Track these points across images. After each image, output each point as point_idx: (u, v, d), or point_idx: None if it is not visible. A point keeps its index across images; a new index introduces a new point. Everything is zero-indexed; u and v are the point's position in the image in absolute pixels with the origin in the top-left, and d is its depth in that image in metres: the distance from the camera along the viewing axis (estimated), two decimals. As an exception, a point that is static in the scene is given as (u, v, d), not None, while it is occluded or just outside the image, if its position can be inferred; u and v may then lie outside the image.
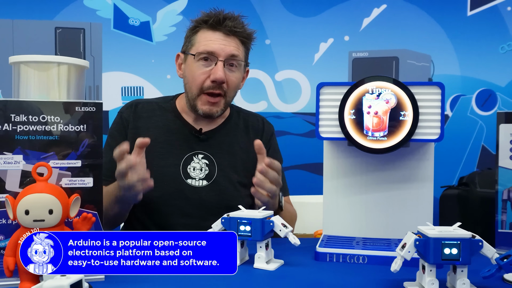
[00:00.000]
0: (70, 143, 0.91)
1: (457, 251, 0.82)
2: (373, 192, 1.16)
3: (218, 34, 1.43)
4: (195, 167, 1.47)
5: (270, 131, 1.61)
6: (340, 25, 2.70)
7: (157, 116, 1.52)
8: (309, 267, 1.03)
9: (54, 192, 0.83)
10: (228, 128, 1.55)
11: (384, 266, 0.98)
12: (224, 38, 1.42)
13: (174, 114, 1.53)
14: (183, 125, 1.51)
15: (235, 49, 1.43)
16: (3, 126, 0.88)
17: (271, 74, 2.73)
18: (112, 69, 2.66)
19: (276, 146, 1.62)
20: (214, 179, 1.47)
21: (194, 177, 1.46)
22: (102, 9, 2.66)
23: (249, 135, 1.56)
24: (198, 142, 1.49)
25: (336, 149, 1.16)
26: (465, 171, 2.59)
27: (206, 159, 1.48)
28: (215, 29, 1.43)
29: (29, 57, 1.06)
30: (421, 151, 1.12)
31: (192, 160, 1.47)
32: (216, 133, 1.52)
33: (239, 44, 1.45)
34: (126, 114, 1.51)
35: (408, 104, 1.02)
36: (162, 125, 1.50)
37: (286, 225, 1.02)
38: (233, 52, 1.42)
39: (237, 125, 1.57)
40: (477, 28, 2.64)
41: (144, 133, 1.48)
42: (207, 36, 1.43)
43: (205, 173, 1.46)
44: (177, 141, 1.49)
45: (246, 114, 1.62)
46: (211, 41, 1.42)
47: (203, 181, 1.46)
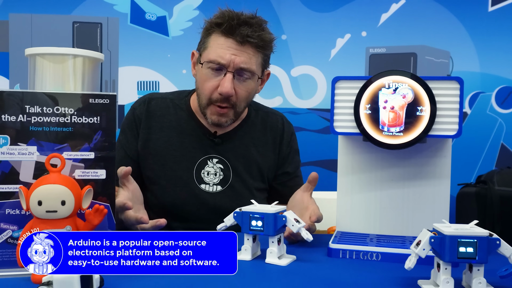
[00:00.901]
0: (84, 135, 0.91)
1: (473, 249, 0.81)
2: (388, 188, 1.14)
3: (230, 41, 1.32)
4: (209, 172, 1.42)
5: (290, 132, 1.55)
6: (357, 21, 2.68)
7: (171, 114, 1.46)
8: (322, 263, 1.02)
9: (67, 184, 0.84)
10: (244, 130, 1.48)
11: (398, 264, 0.97)
12: (236, 47, 1.32)
13: (188, 113, 1.47)
14: (197, 126, 1.45)
15: (247, 60, 1.33)
16: (18, 117, 0.88)
17: (287, 69, 2.72)
18: (128, 64, 2.68)
19: (296, 147, 1.57)
20: (229, 184, 1.42)
21: (208, 182, 1.42)
22: (119, 4, 2.68)
23: (267, 136, 1.50)
24: (212, 145, 1.43)
25: (351, 144, 1.15)
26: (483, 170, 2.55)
27: (221, 163, 1.43)
28: (228, 35, 1.33)
29: (45, 49, 1.06)
30: (438, 147, 1.10)
31: (206, 165, 1.42)
32: (232, 136, 1.46)
33: (254, 53, 1.34)
34: (139, 111, 1.46)
35: (426, 99, 1.00)
36: (176, 125, 1.45)
37: (299, 220, 1.00)
38: (244, 63, 1.32)
39: (255, 125, 1.50)
40: (498, 24, 2.60)
41: (157, 132, 1.44)
42: (219, 43, 1.34)
43: (219, 178, 1.42)
44: (190, 144, 1.43)
45: (265, 112, 1.55)
46: (222, 50, 1.33)
47: (217, 186, 1.42)
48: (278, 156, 1.51)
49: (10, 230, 0.88)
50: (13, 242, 0.88)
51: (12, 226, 0.88)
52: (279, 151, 1.51)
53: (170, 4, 2.69)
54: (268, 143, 1.50)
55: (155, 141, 1.44)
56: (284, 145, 1.52)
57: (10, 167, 0.88)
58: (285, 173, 1.51)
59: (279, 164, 1.51)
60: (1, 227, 0.87)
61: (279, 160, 1.51)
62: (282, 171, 1.51)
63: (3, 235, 0.87)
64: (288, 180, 1.51)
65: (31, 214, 0.85)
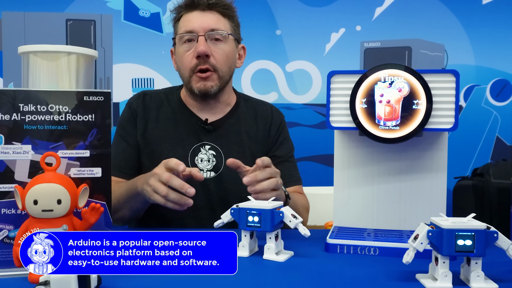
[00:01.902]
0: (79, 133, 0.90)
1: (471, 242, 0.81)
2: (384, 182, 1.14)
3: (195, 13, 1.44)
4: (202, 159, 1.47)
5: (279, 119, 1.59)
6: (351, 15, 2.67)
7: (165, 107, 1.53)
8: (320, 259, 1.02)
9: (63, 182, 0.83)
10: (235, 117, 1.54)
11: (396, 258, 0.97)
12: (201, 14, 1.43)
13: (180, 104, 1.53)
14: (190, 115, 1.51)
15: (215, 22, 1.43)
16: (11, 116, 0.88)
17: (281, 65, 2.71)
18: (122, 61, 2.67)
19: (286, 134, 1.60)
20: (222, 171, 1.46)
21: (202, 169, 1.46)
22: (112, 1, 2.66)
23: (258, 124, 1.55)
24: (205, 133, 1.49)
25: (347, 139, 1.14)
26: (479, 163, 2.57)
27: (213, 150, 1.47)
28: (191, 9, 1.45)
29: (38, 47, 1.05)
30: (435, 141, 1.10)
31: (200, 151, 1.47)
32: (223, 123, 1.51)
33: (219, 17, 1.45)
34: (135, 104, 1.52)
35: (422, 92, 1.00)
36: (170, 116, 1.51)
37: (296, 216, 1.00)
38: (212, 25, 1.43)
39: (245, 113, 1.56)
40: (493, 17, 2.60)
41: (153, 124, 1.50)
42: (186, 18, 1.45)
43: (212, 164, 1.46)
44: (185, 132, 1.49)
45: (255, 102, 1.61)
46: (189, 21, 1.44)
47: (211, 172, 1.46)
48: (267, 141, 1.55)
49: (6, 230, 0.87)
50: (9, 242, 0.87)
51: (8, 226, 0.87)
52: (268, 137, 1.55)
53: (164, 0, 2.68)
54: (259, 130, 1.55)
55: (151, 131, 1.49)
56: (273, 130, 1.56)
57: (5, 166, 0.87)
58: (273, 157, 1.52)
59: (268, 149, 1.55)
60: (-3, 227, 0.87)
61: (269, 145, 1.55)
62: (270, 155, 1.54)
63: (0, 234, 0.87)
64: (277, 164, 1.51)
65: (27, 214, 0.84)
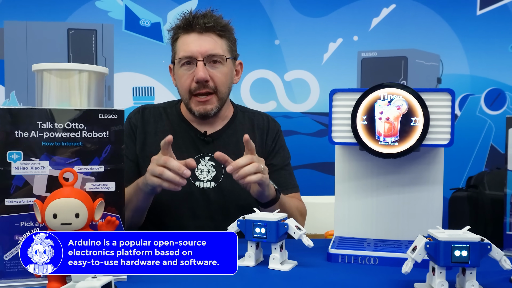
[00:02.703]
0: (94, 149, 0.95)
1: (466, 253, 0.86)
2: (383, 194, 1.19)
3: (192, 35, 1.45)
4: (202, 170, 1.50)
5: (275, 129, 1.63)
6: (349, 25, 2.71)
7: (163, 120, 1.56)
8: (322, 268, 1.07)
9: (80, 197, 0.87)
10: (233, 129, 1.58)
11: (395, 267, 1.02)
12: (199, 37, 1.45)
13: (179, 118, 1.57)
14: (188, 128, 1.55)
15: (212, 46, 1.45)
16: (30, 133, 0.92)
17: (280, 74, 2.74)
18: (123, 70, 2.70)
19: (283, 143, 1.65)
20: (221, 181, 1.50)
21: (202, 179, 1.49)
22: (113, 11, 2.70)
23: (255, 134, 1.59)
24: (204, 144, 1.53)
25: (348, 153, 1.19)
26: (473, 170, 2.61)
27: (212, 161, 1.51)
28: (188, 31, 1.46)
29: (52, 65, 1.09)
30: (431, 155, 1.15)
31: (199, 163, 1.50)
32: (221, 135, 1.55)
33: (216, 40, 1.47)
34: (134, 119, 1.56)
35: (419, 110, 1.05)
36: (168, 129, 1.54)
37: (300, 227, 1.05)
38: (210, 49, 1.45)
39: (242, 124, 1.60)
40: (487, 27, 2.64)
41: (152, 137, 1.53)
42: (184, 41, 1.46)
43: (212, 175, 1.50)
44: (184, 145, 1.52)
45: (252, 113, 1.65)
46: (187, 45, 1.45)
47: (210, 182, 1.50)
48: (264, 150, 1.59)
49: (25, 242, 0.91)
50: (27, 253, 0.91)
51: (27, 238, 0.91)
52: (265, 146, 1.60)
53: (164, 10, 2.72)
54: (256, 140, 1.59)
55: (150, 144, 1.53)
56: (269, 139, 1.61)
57: (24, 181, 0.92)
58: (270, 165, 1.58)
59: (264, 158, 1.56)
60: (16, 239, 0.91)
61: (265, 154, 1.59)
62: (267, 163, 1.56)
63: (18, 247, 0.91)
64: (273, 172, 1.57)
65: (44, 226, 0.88)
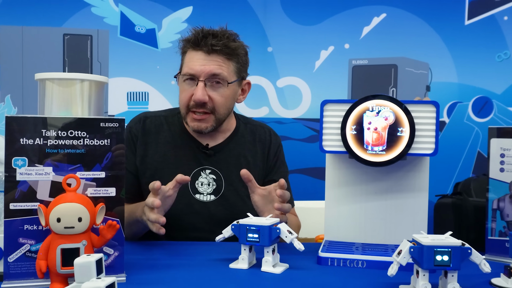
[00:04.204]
0: (95, 156, 0.99)
1: (448, 257, 0.91)
2: (371, 200, 1.24)
3: (199, 53, 1.44)
4: (203, 182, 1.51)
5: (277, 143, 1.65)
6: (340, 33, 2.76)
7: (165, 131, 1.56)
8: (312, 271, 1.11)
9: (83, 202, 0.92)
10: (234, 142, 1.58)
11: (382, 270, 1.07)
12: (205, 57, 1.43)
13: (181, 129, 1.57)
14: (190, 140, 1.55)
15: (217, 68, 1.43)
16: (35, 141, 0.96)
17: (273, 80, 2.79)
18: (118, 75, 2.73)
19: (282, 158, 1.67)
20: (222, 194, 1.51)
21: (202, 192, 1.50)
22: (109, 17, 2.73)
23: (256, 147, 1.60)
24: (205, 157, 1.53)
25: (338, 160, 1.25)
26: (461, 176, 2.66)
27: (213, 174, 1.52)
28: (196, 49, 1.44)
29: (54, 74, 1.13)
30: (417, 164, 1.20)
31: (200, 175, 1.51)
32: (223, 148, 1.56)
33: (223, 61, 1.45)
34: (135, 129, 1.55)
35: (405, 121, 1.11)
36: (170, 140, 1.55)
37: (291, 231, 1.10)
38: (214, 71, 1.43)
39: (244, 137, 1.60)
40: (475, 37, 2.70)
41: (153, 148, 1.53)
42: (191, 57, 1.45)
43: (212, 188, 1.51)
44: (185, 157, 1.53)
45: (254, 125, 1.65)
46: (192, 62, 1.44)
47: (211, 196, 1.51)
48: (266, 165, 1.60)
49: (28, 244, 0.95)
50: (30, 256, 0.95)
51: (30, 241, 0.96)
52: (267, 160, 1.61)
53: (159, 17, 2.75)
54: (257, 153, 1.60)
55: (151, 156, 1.53)
56: (271, 155, 1.62)
57: (28, 186, 0.96)
58: (271, 181, 1.58)
59: (266, 173, 1.60)
60: (20, 242, 0.95)
61: (266, 169, 1.61)
62: (268, 179, 1.60)
63: (22, 249, 0.95)
64: None
65: (47, 230, 0.93)
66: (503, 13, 2.69)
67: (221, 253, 1.23)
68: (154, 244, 1.37)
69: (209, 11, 2.73)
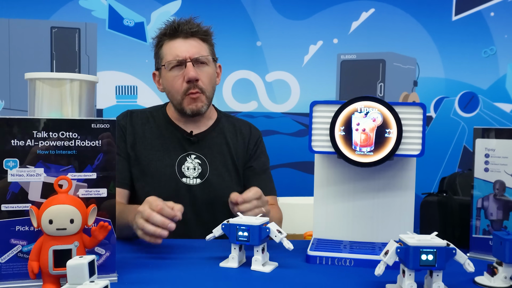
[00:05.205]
0: (87, 157, 0.99)
1: (433, 257, 0.93)
2: (359, 199, 1.26)
3: (178, 41, 1.56)
4: (189, 167, 1.59)
5: (257, 135, 1.73)
6: (329, 28, 2.77)
7: (150, 123, 1.65)
8: (301, 269, 1.13)
9: (75, 203, 0.92)
10: (217, 130, 1.67)
11: (369, 269, 1.09)
12: (184, 41, 1.56)
13: (165, 120, 1.65)
14: (175, 129, 1.63)
15: (198, 48, 1.56)
16: (26, 142, 0.96)
17: (261, 75, 2.79)
18: (106, 69, 2.72)
19: (263, 148, 1.74)
20: (207, 177, 1.59)
21: (188, 176, 1.58)
22: (97, 10, 2.71)
23: (237, 137, 1.69)
24: (190, 144, 1.62)
25: (327, 160, 1.26)
26: (447, 170, 2.71)
27: (198, 159, 1.60)
28: (174, 37, 1.56)
29: (44, 74, 1.13)
30: (404, 164, 1.23)
31: (186, 160, 1.59)
32: (206, 135, 1.64)
33: (200, 43, 1.58)
34: (123, 122, 1.63)
35: (393, 122, 1.13)
36: (156, 131, 1.63)
37: (281, 231, 1.12)
38: (197, 51, 1.55)
39: (226, 127, 1.69)
40: (461, 32, 2.73)
41: (141, 138, 1.61)
42: (171, 46, 1.57)
43: (198, 172, 1.59)
44: (171, 144, 1.61)
45: (235, 119, 1.75)
46: (175, 49, 1.55)
47: (196, 179, 1.58)
48: (246, 154, 1.68)
49: (20, 245, 0.96)
50: (22, 256, 0.96)
51: (22, 242, 0.96)
52: (247, 149, 1.69)
53: (148, 10, 2.74)
54: (238, 143, 1.68)
55: (139, 145, 1.61)
56: (251, 144, 1.70)
57: (20, 187, 0.96)
58: (250, 168, 1.67)
59: (246, 159, 1.68)
60: (12, 243, 0.96)
61: (247, 157, 1.68)
62: (248, 165, 1.68)
63: (14, 250, 0.96)
64: (254, 175, 1.66)
65: (39, 230, 0.93)
66: (489, 9, 2.72)
67: (212, 251, 1.24)
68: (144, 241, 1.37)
69: (198, 5, 2.73)
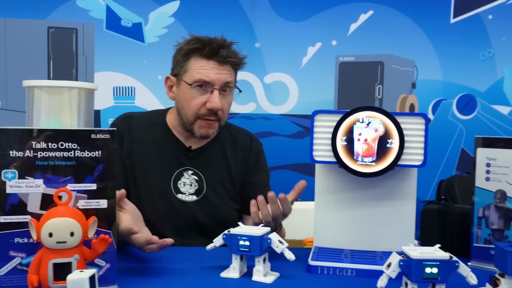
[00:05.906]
0: (86, 168, 0.98)
1: (436, 270, 0.93)
2: (360, 208, 1.26)
3: (212, 63, 1.48)
4: (185, 183, 1.54)
5: (258, 149, 1.68)
6: (328, 30, 2.76)
7: (148, 130, 1.59)
8: (303, 280, 1.13)
9: (75, 216, 0.91)
10: (216, 145, 1.61)
11: (371, 279, 1.08)
12: (218, 66, 1.48)
13: (164, 129, 1.60)
14: (172, 140, 1.58)
15: (229, 77, 1.50)
16: (25, 153, 0.95)
17: (260, 76, 2.78)
18: (104, 69, 2.70)
19: (264, 163, 1.69)
20: (204, 194, 1.55)
21: (184, 192, 1.53)
22: (94, 10, 2.69)
23: (237, 151, 1.63)
24: (187, 158, 1.56)
25: (328, 169, 1.26)
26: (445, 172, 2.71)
27: (195, 175, 1.55)
28: (209, 58, 1.48)
29: (43, 82, 1.12)
30: (406, 173, 1.22)
31: (182, 176, 1.55)
32: (205, 150, 1.59)
33: (231, 71, 1.52)
34: (121, 126, 1.58)
35: (395, 132, 1.12)
36: (154, 140, 1.57)
37: (282, 241, 1.11)
38: (227, 79, 1.49)
39: (225, 140, 1.63)
40: (460, 35, 2.74)
41: (137, 146, 1.56)
42: (202, 65, 1.49)
43: (194, 188, 1.54)
44: (168, 157, 1.56)
45: (235, 131, 1.68)
46: (206, 70, 1.48)
47: (192, 196, 1.54)
48: (245, 169, 1.63)
49: (19, 258, 0.95)
50: (21, 269, 0.95)
51: (21, 254, 0.95)
52: (247, 164, 1.64)
53: (146, 11, 2.72)
54: (238, 157, 1.63)
55: (136, 153, 1.55)
56: (251, 159, 1.65)
57: (19, 199, 0.95)
58: (250, 184, 1.63)
59: (245, 175, 1.63)
60: (11, 255, 0.94)
61: (246, 171, 1.63)
62: (248, 181, 1.63)
63: (12, 262, 0.95)
64: (254, 191, 1.60)
65: (38, 243, 0.92)
66: (487, 12, 2.72)
67: (212, 260, 1.23)
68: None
69: (196, 6, 2.71)
